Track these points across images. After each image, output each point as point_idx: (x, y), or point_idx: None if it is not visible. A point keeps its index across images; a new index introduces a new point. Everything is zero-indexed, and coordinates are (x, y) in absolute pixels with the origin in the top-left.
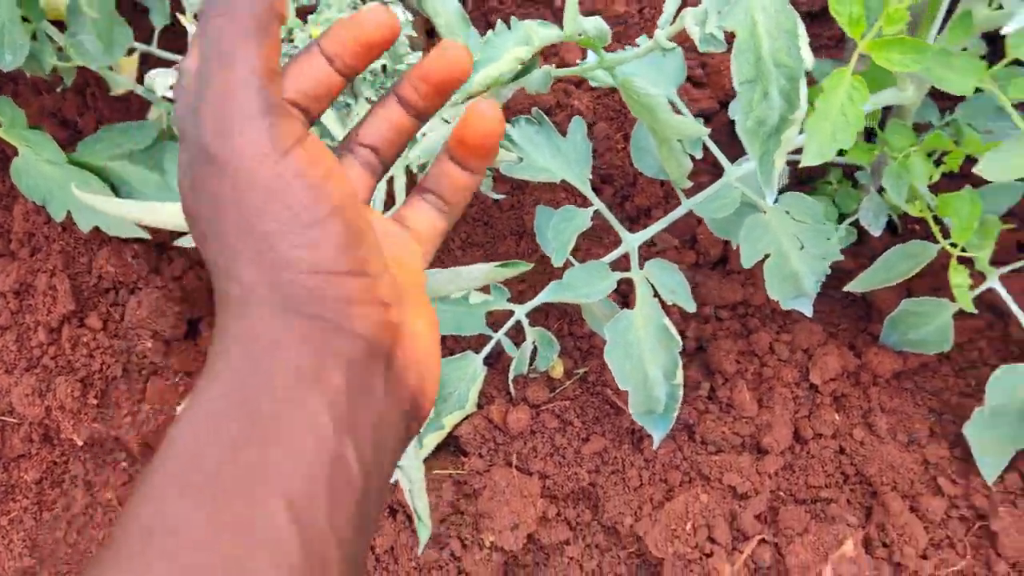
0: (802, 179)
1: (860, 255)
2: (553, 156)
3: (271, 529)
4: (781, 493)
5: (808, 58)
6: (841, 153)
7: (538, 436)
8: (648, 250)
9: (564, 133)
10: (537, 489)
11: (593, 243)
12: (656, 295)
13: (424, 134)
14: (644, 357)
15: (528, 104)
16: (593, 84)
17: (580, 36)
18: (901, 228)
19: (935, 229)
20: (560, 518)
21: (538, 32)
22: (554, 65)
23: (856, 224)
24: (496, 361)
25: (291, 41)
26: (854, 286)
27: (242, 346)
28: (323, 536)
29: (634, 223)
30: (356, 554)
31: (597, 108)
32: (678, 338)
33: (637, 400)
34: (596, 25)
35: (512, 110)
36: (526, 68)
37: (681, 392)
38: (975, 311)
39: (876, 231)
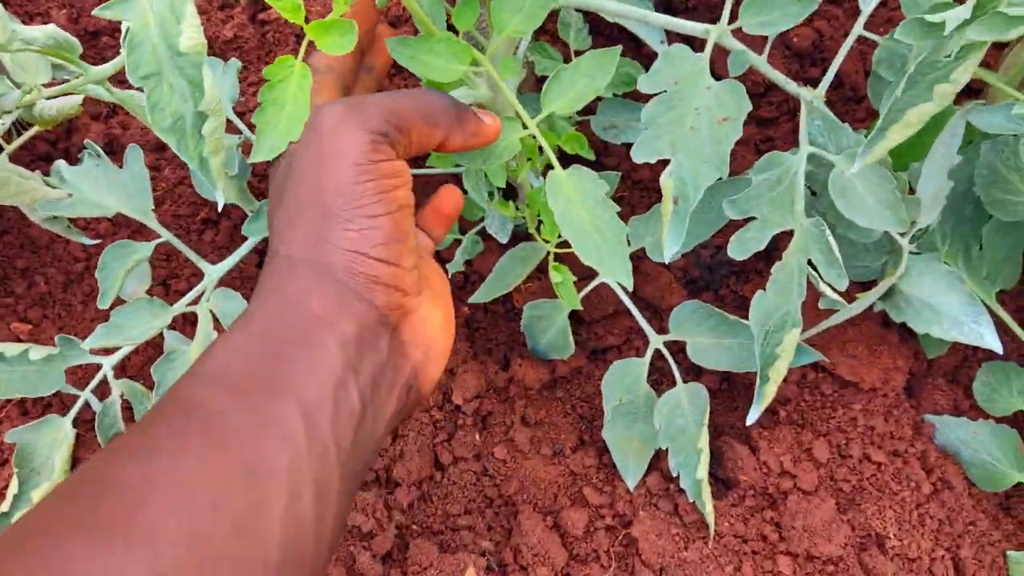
0: None
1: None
2: (111, 190)
3: (286, 421)
4: (414, 527)
5: (196, 38)
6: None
7: None
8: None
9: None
10: None
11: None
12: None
13: None
14: None
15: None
16: None
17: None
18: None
19: (531, 227)
20: None
21: None
22: None
23: (483, 233)
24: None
25: None
26: (476, 297)
27: (279, 292)
28: (325, 437)
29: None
30: (353, 466)
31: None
32: None
33: None
34: (50, 34)
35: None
36: None
37: None
38: (580, 307)
39: (504, 238)
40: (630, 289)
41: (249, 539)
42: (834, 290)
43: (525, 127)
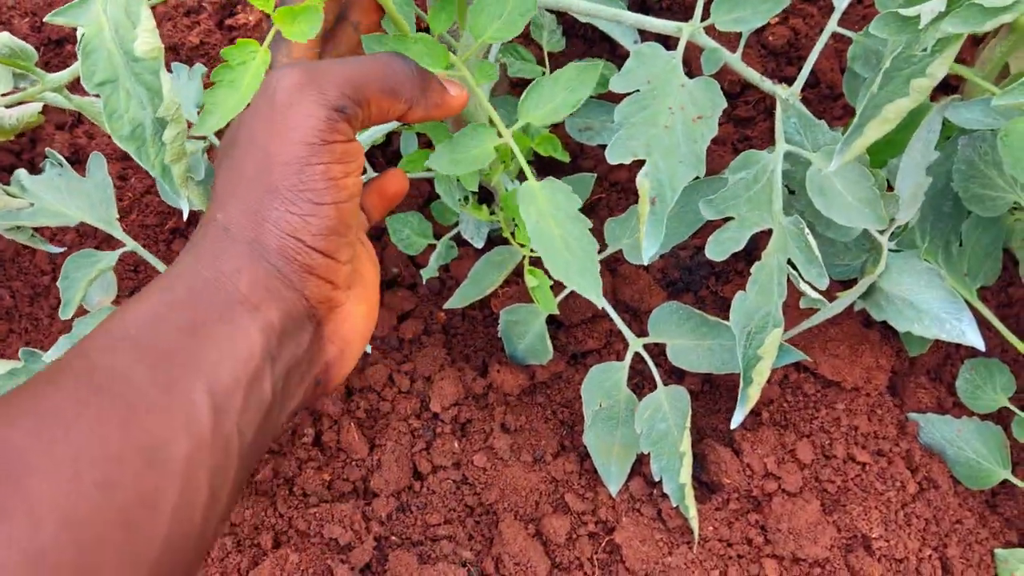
0: None
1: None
2: (74, 198)
3: (194, 406)
4: (393, 538)
5: (151, 43)
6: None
7: None
8: None
9: None
10: None
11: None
12: None
13: None
14: None
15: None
16: None
17: None
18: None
19: (506, 231)
20: None
21: None
22: None
23: (458, 238)
24: None
25: None
26: (452, 303)
27: (210, 262)
28: (230, 428)
29: None
30: (250, 458)
31: None
32: None
33: None
34: (4, 42)
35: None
36: None
37: None
38: (557, 312)
39: (479, 243)
40: (600, 306)
41: (134, 532)
42: (815, 289)
43: (500, 135)
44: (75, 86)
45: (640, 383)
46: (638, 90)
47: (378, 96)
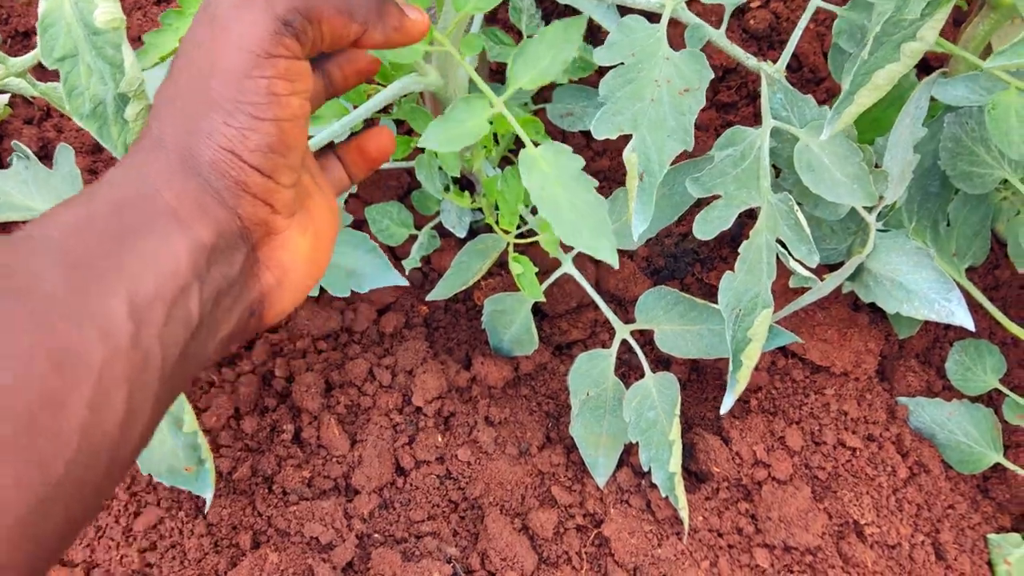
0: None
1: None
2: (41, 192)
3: (111, 316)
4: (376, 535)
5: (112, 13)
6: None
7: None
8: None
9: None
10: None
11: None
12: None
13: None
14: None
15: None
16: None
17: None
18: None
19: (489, 218)
20: None
21: None
22: None
23: (440, 228)
24: None
25: None
26: (434, 295)
27: (140, 171)
28: (150, 342)
29: None
30: (174, 380)
31: None
32: None
33: (153, 465)
34: None
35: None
36: None
37: (201, 439)
38: (543, 299)
39: (461, 233)
40: (616, 267)
41: (37, 436)
42: (805, 267)
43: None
44: (47, 74)
45: (626, 372)
46: (623, 63)
47: (331, 14)
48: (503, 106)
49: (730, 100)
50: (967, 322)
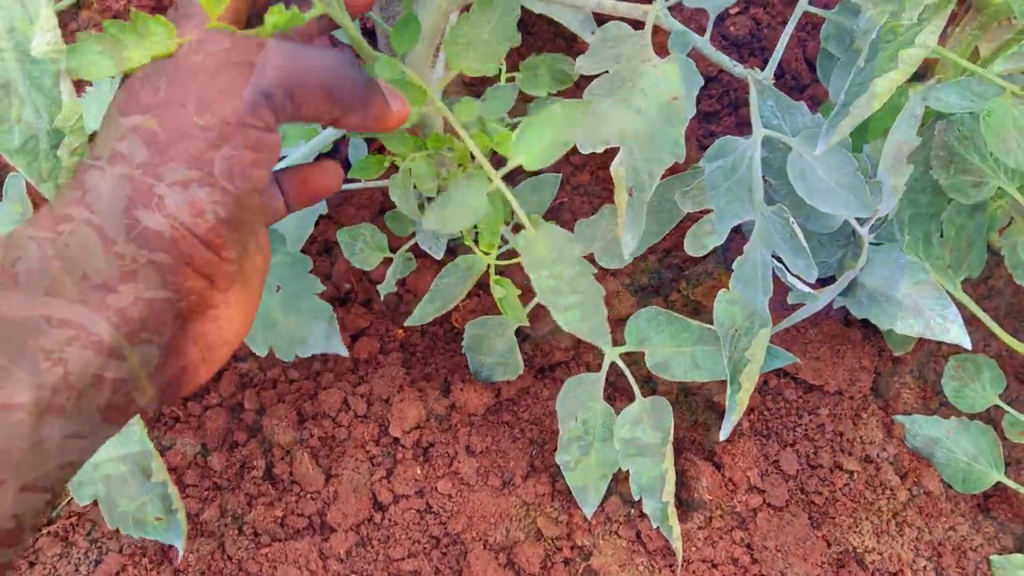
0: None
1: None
2: None
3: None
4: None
5: (52, 43)
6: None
7: None
8: None
9: None
10: None
11: None
12: None
13: None
14: None
15: None
16: None
17: None
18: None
19: (467, 239)
20: None
21: None
22: None
23: (416, 249)
24: None
25: None
26: (412, 320)
27: (79, 222)
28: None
29: None
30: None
31: None
32: None
33: (116, 518)
34: None
35: None
36: None
37: (172, 489)
38: (527, 323)
39: (438, 254)
40: (608, 347)
41: None
42: (803, 282)
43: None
44: None
45: (612, 395)
46: (607, 71)
47: (316, 97)
48: (501, 181)
49: (712, 109)
50: (963, 340)
